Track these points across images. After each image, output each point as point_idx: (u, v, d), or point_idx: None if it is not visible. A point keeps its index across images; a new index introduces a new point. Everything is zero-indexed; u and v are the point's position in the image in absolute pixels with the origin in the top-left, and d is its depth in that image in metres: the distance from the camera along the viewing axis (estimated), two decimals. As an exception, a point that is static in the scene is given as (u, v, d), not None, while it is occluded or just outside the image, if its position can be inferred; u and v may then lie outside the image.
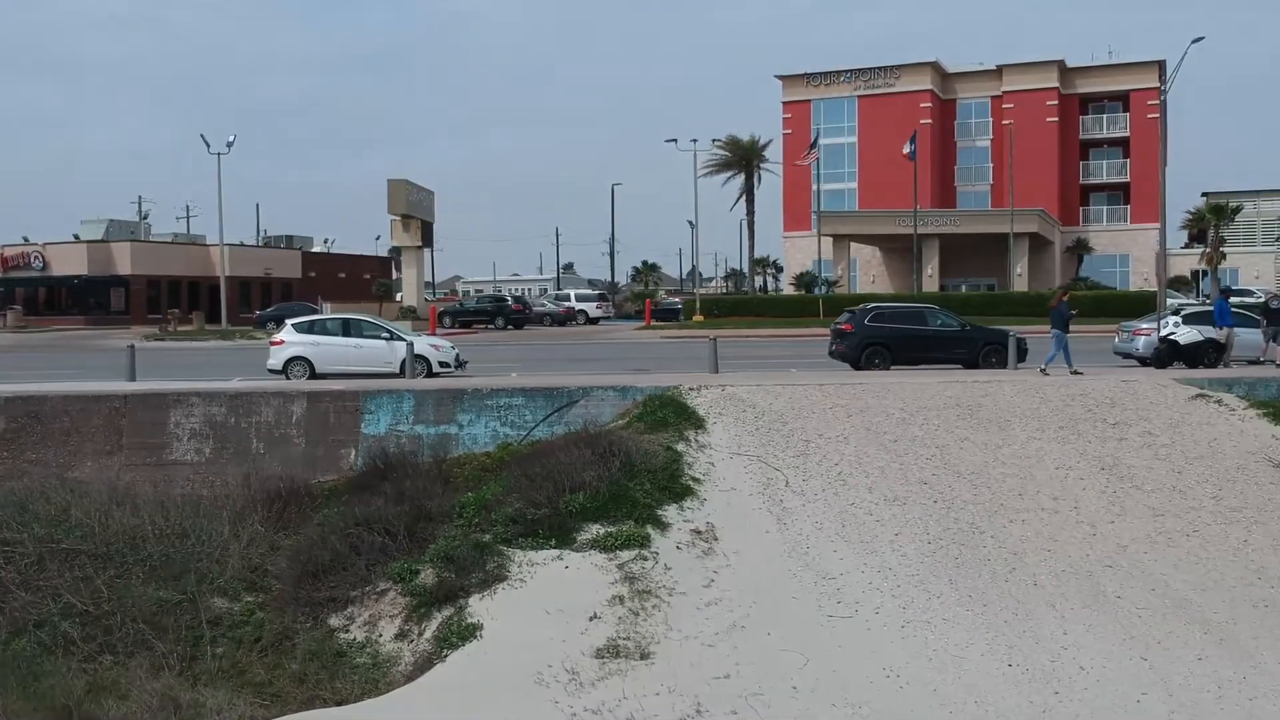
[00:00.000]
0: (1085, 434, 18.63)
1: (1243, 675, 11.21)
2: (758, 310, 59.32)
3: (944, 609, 12.95)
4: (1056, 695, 10.91)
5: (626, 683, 10.98)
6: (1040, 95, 74.20)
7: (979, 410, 19.72)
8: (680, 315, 63.90)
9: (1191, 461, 17.42)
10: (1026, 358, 27.74)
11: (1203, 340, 26.29)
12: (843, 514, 15.77)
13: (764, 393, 20.61)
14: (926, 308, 30.19)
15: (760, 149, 67.85)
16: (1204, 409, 19.59)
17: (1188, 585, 13.48)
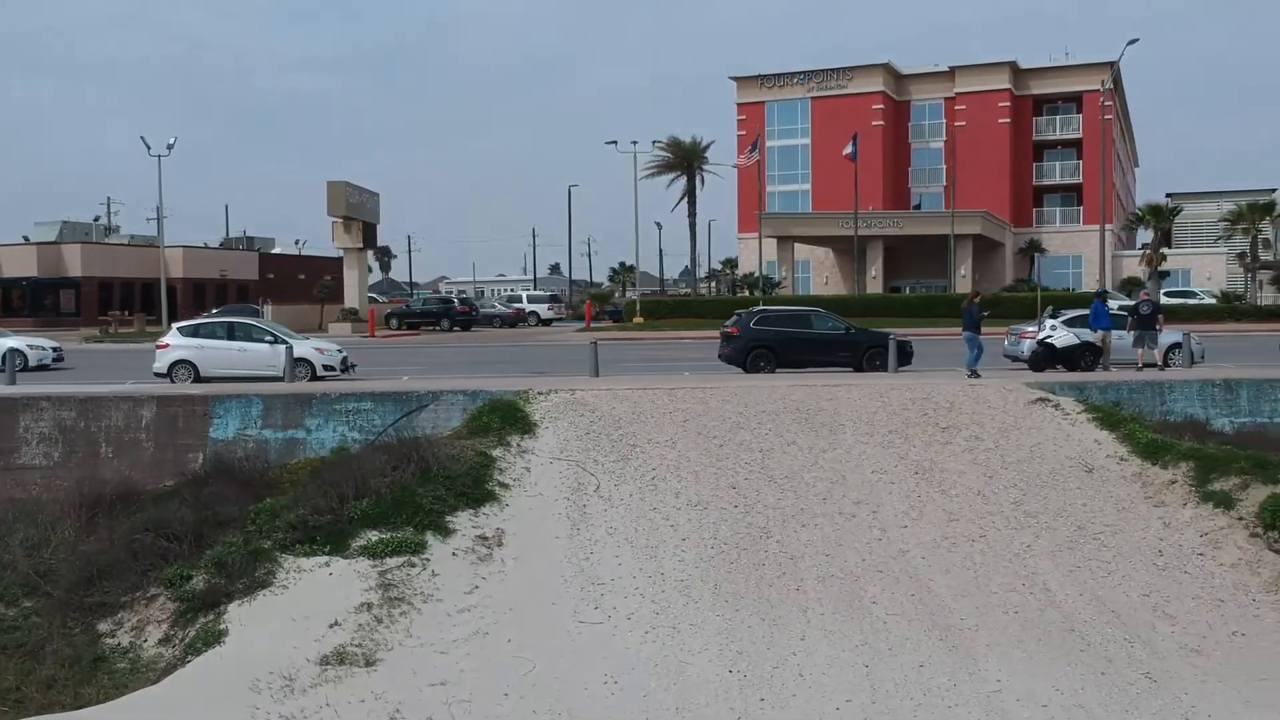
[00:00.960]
0: (912, 438, 18.65)
1: (955, 683, 11.19)
2: (698, 311, 59.29)
3: (697, 614, 12.95)
4: (762, 702, 10.90)
5: (338, 690, 10.97)
6: (992, 97, 74.30)
7: (817, 415, 19.73)
8: (622, 317, 63.94)
9: (1008, 466, 17.44)
10: (911, 360, 27.86)
11: (1079, 344, 26.30)
12: (640, 519, 15.76)
13: (613, 397, 20.61)
14: (812, 311, 30.22)
15: (701, 150, 67.86)
16: (1040, 413, 19.62)
17: (951, 591, 13.48)
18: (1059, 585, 13.62)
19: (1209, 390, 21.83)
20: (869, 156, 72.73)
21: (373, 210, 61.64)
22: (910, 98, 77.86)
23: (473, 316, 64.74)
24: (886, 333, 28.16)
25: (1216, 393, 21.83)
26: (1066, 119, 76.61)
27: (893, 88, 76.87)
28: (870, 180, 72.85)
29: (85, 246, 74.54)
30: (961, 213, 61.69)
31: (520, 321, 69.55)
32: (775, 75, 76.52)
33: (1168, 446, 17.14)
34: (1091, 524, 15.43)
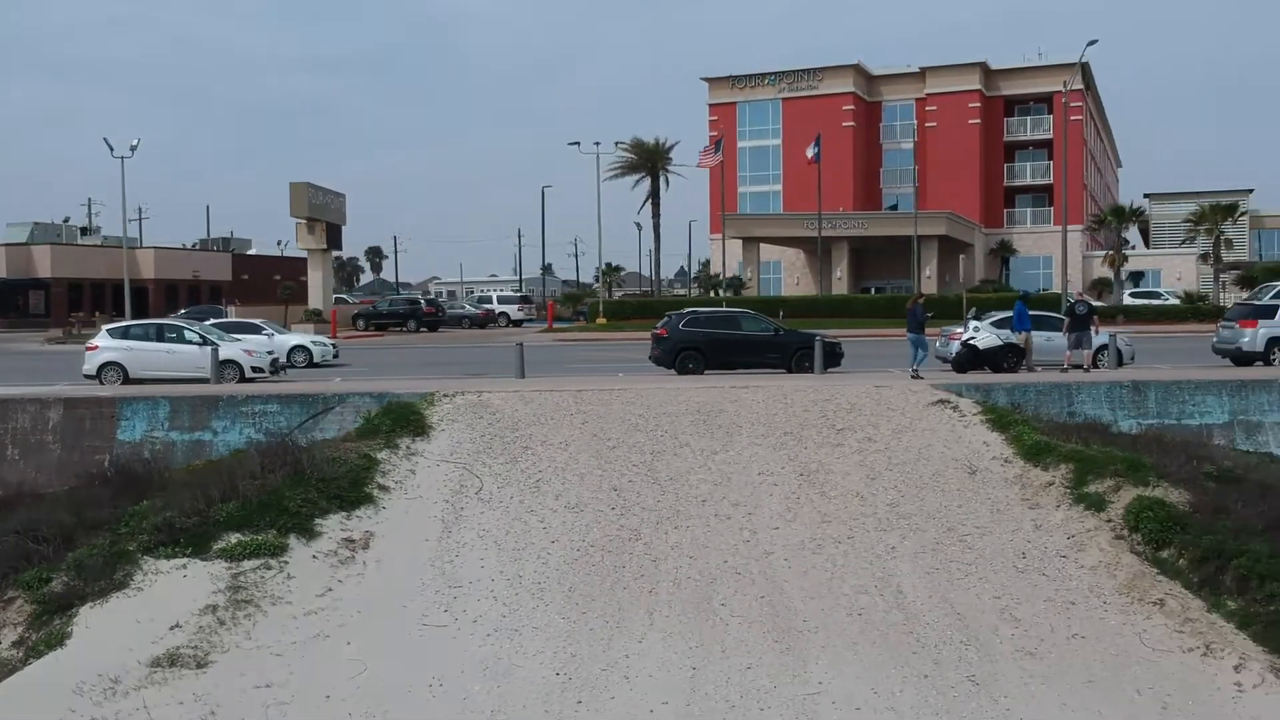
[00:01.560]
0: (806, 440, 18.67)
1: (776, 685, 11.19)
2: (661, 313, 58.90)
3: (544, 617, 12.95)
4: (579, 704, 10.89)
5: (161, 691, 10.96)
6: (963, 97, 74.36)
7: (717, 417, 19.75)
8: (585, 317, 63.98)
9: (892, 468, 17.46)
10: (840, 362, 27.90)
11: (1001, 345, 26.36)
12: (514, 521, 15.77)
13: (519, 399, 20.62)
14: (742, 312, 30.28)
15: (665, 151, 67.85)
16: (937, 415, 19.64)
17: (803, 593, 13.48)
18: (912, 587, 13.62)
19: (1116, 392, 21.88)
20: (839, 157, 72.81)
21: (338, 211, 61.64)
22: (881, 99, 77.90)
23: (439, 317, 64.75)
24: (815, 334, 28.17)
25: (1124, 394, 21.88)
26: (1037, 119, 76.69)
27: (864, 88, 76.92)
28: (840, 181, 72.92)
29: (55, 248, 74.41)
30: (925, 214, 61.75)
31: (490, 322, 69.56)
32: (746, 76, 76.55)
33: (1050, 449, 17.15)
34: (962, 526, 15.45)
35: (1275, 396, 21.98)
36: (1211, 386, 22.02)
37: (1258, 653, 11.82)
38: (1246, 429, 21.79)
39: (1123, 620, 12.80)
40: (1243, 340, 28.69)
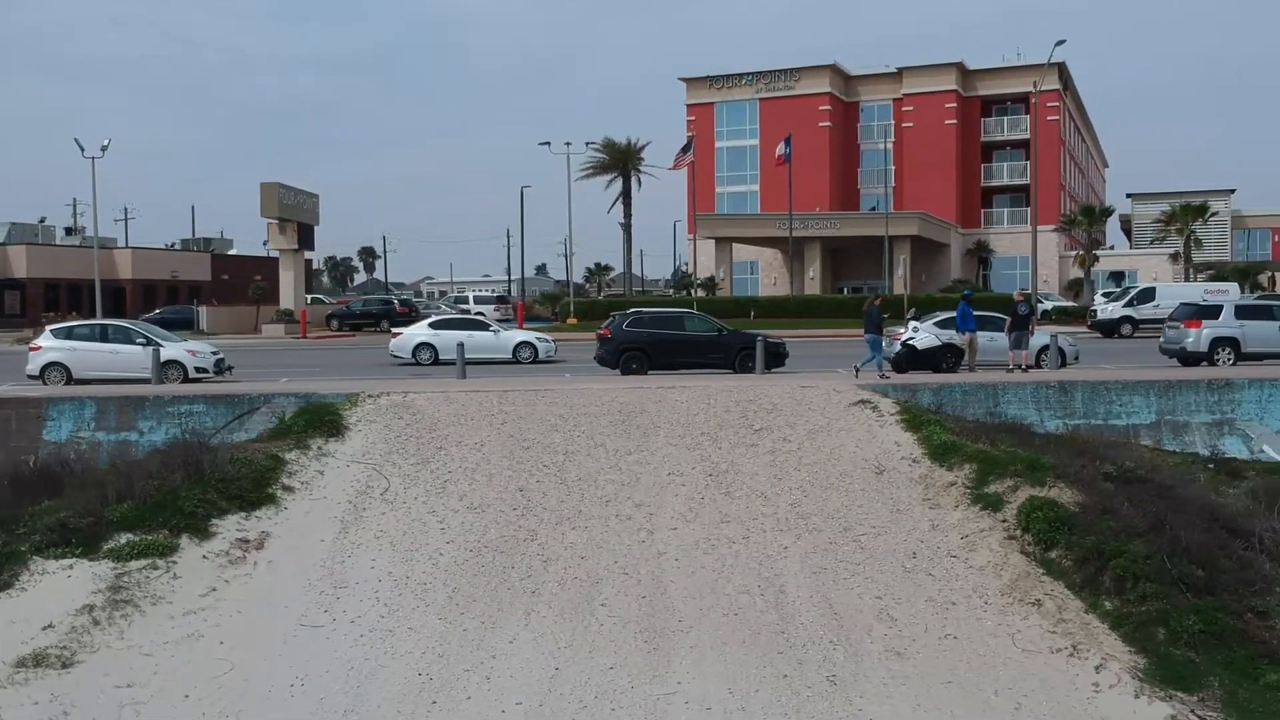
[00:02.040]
0: (722, 440, 18.68)
1: (633, 685, 11.18)
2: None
3: (421, 618, 12.95)
4: (434, 705, 10.89)
5: (19, 692, 10.97)
6: (939, 98, 74.43)
7: (638, 417, 19.76)
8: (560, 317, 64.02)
9: (802, 468, 17.47)
10: (784, 362, 27.93)
11: (940, 345, 26.39)
12: (414, 522, 15.77)
13: (444, 400, 20.62)
14: (686, 313, 30.36)
15: (636, 151, 67.81)
16: (856, 415, 19.65)
17: (685, 593, 13.49)
18: (796, 587, 13.63)
19: (1042, 393, 21.92)
20: (816, 158, 72.91)
21: (311, 212, 61.57)
22: (859, 99, 77.98)
23: (412, 318, 64.70)
24: (757, 334, 28.21)
25: (1050, 395, 21.92)
26: (1014, 119, 76.74)
27: (841, 89, 76.97)
28: (817, 181, 73.05)
29: (31, 248, 74.33)
30: (897, 214, 61.81)
31: (465, 323, 69.58)
32: (723, 76, 76.59)
33: (956, 449, 17.17)
34: (859, 526, 15.46)
35: (1203, 397, 22.04)
36: (1139, 387, 22.07)
37: (1123, 653, 11.84)
38: (1173, 429, 21.84)
39: (999, 621, 12.82)
40: (1187, 340, 28.76)
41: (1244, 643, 11.83)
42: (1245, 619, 12.19)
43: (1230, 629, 11.91)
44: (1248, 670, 11.35)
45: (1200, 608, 12.12)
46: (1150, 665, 11.54)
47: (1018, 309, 26.93)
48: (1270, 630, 12.05)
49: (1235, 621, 12.07)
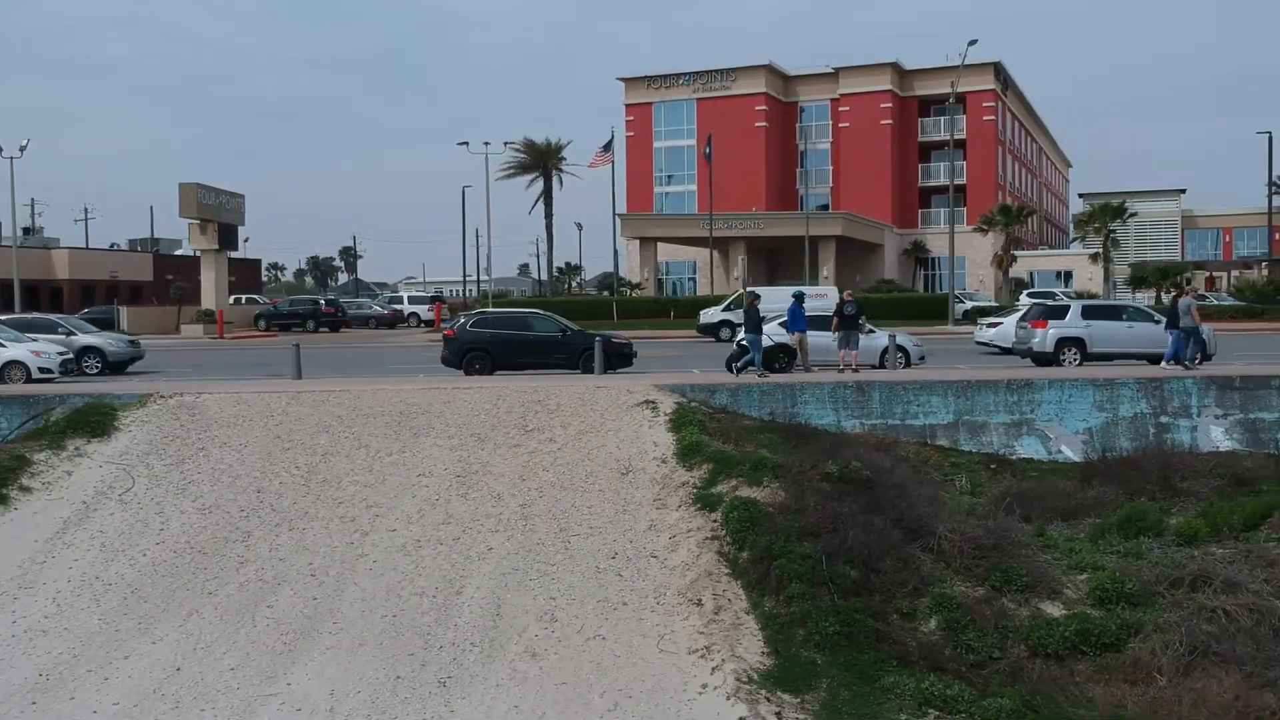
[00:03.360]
0: (488, 441, 18.66)
1: (239, 685, 11.14)
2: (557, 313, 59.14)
3: (83, 618, 12.91)
4: (33, 705, 10.90)
5: None
6: (875, 98, 74.51)
7: (418, 417, 19.74)
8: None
9: (552, 469, 17.46)
10: (631, 362, 27.97)
11: (772, 345, 26.42)
12: (137, 523, 15.74)
13: (233, 401, 20.54)
14: (531, 313, 30.35)
15: (557, 151, 67.76)
16: (635, 415, 19.63)
17: (360, 595, 13.44)
18: (476, 589, 13.62)
19: (840, 393, 21.92)
20: (752, 157, 73.02)
21: (234, 212, 61.56)
22: (798, 99, 78.03)
23: (340, 318, 64.74)
24: (600, 334, 28.26)
25: (848, 395, 21.92)
26: (952, 120, 76.68)
27: (780, 89, 77.00)
28: (753, 181, 73.14)
29: (-37, 248, 74.06)
30: (820, 214, 61.90)
31: (400, 323, 69.62)
32: (661, 76, 76.64)
33: (699, 449, 17.18)
34: (577, 527, 15.44)
35: (1001, 397, 22.07)
36: (936, 387, 22.09)
37: (757, 654, 11.85)
38: (971, 429, 21.86)
39: (659, 621, 12.82)
40: (1033, 341, 28.85)
41: (879, 644, 11.85)
42: (890, 620, 12.21)
43: (867, 630, 11.93)
44: (868, 672, 11.36)
45: (841, 609, 12.13)
46: (775, 666, 11.56)
47: (843, 309, 26.90)
48: (911, 632, 12.07)
49: (877, 623, 12.09)
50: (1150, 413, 22.14)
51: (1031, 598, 12.56)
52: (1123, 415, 22.10)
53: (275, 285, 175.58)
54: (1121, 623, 11.85)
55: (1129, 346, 28.38)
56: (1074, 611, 12.19)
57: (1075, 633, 11.69)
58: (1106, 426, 21.97)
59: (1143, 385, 22.23)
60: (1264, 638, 11.45)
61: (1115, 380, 22.33)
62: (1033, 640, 11.71)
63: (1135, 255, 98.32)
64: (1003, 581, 12.72)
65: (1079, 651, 11.58)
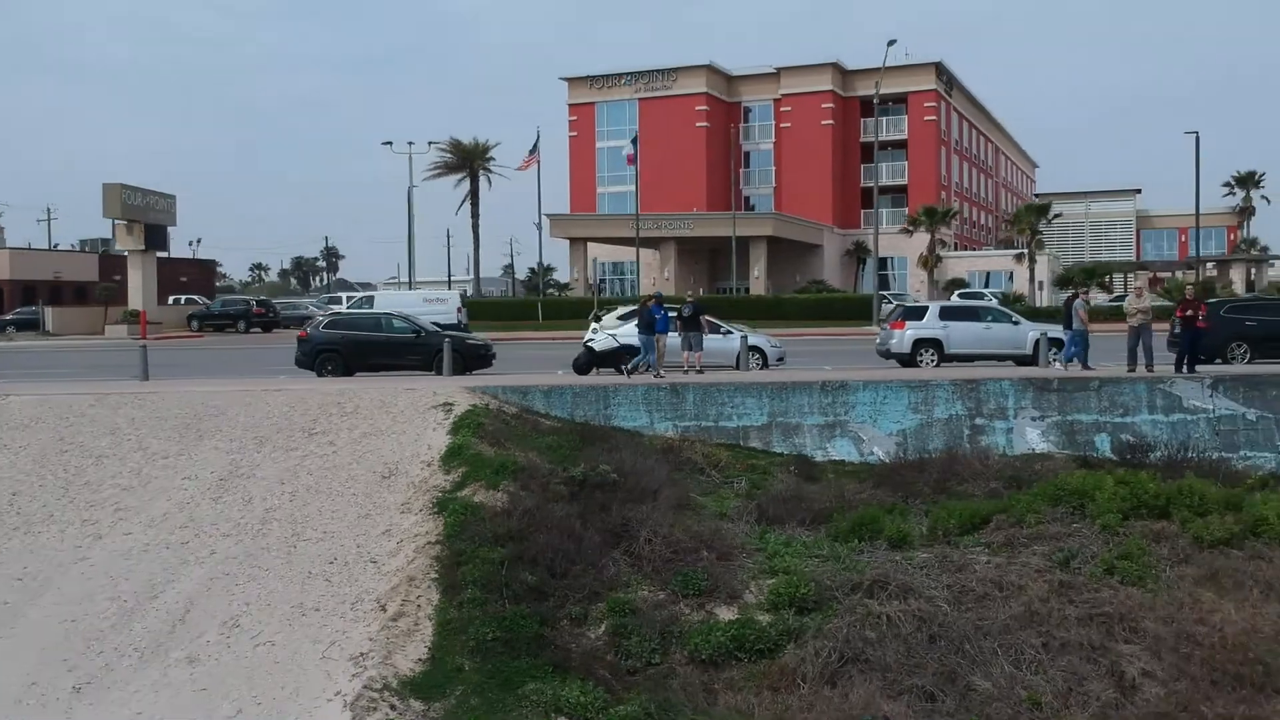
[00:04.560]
0: (269, 443, 18.55)
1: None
2: (475, 314, 59.06)
3: None
4: None
5: None
6: (816, 98, 74.45)
7: (206, 421, 19.61)
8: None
9: (316, 472, 17.35)
10: (490, 363, 27.89)
11: (618, 347, 26.36)
12: None
13: (39, 404, 20.40)
14: (386, 314, 30.24)
15: (484, 151, 67.58)
16: (428, 418, 19.45)
17: (58, 599, 13.38)
18: (176, 594, 13.51)
19: (654, 395, 21.86)
20: (693, 158, 72.97)
21: (165, 213, 61.40)
22: (741, 99, 77.95)
23: (271, 318, 64.57)
24: (458, 337, 28.24)
25: (662, 397, 21.86)
26: (894, 120, 76.83)
27: (722, 89, 76.94)
28: (694, 181, 73.08)
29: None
30: (750, 215, 61.84)
31: (329, 323, 69.54)
32: (604, 76, 76.55)
33: (460, 452, 17.10)
34: (312, 531, 15.31)
35: (816, 399, 22.02)
36: (751, 389, 22.04)
37: (411, 660, 11.90)
38: (784, 430, 21.81)
39: (341, 627, 12.66)
40: (891, 342, 28.82)
41: (541, 651, 11.77)
42: (560, 626, 12.13)
43: (529, 637, 11.85)
44: (514, 679, 11.29)
45: (508, 615, 12.06)
46: (423, 674, 11.50)
47: (683, 310, 26.78)
48: (578, 638, 11.99)
49: (545, 629, 12.01)
50: (966, 414, 22.10)
51: (708, 602, 12.48)
52: (938, 417, 22.06)
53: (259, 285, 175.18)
54: (784, 629, 11.78)
55: (987, 348, 28.35)
56: (739, 617, 12.11)
57: (731, 639, 11.60)
58: (921, 428, 21.93)
59: (958, 387, 22.20)
60: (918, 644, 11.37)
61: (930, 382, 22.29)
62: (690, 647, 11.62)
63: (1091, 255, 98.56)
64: (682, 586, 12.64)
65: (734, 658, 11.50)
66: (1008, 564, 12.80)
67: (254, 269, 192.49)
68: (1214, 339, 27.74)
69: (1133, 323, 23.85)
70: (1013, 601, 11.99)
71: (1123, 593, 12.17)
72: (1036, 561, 12.83)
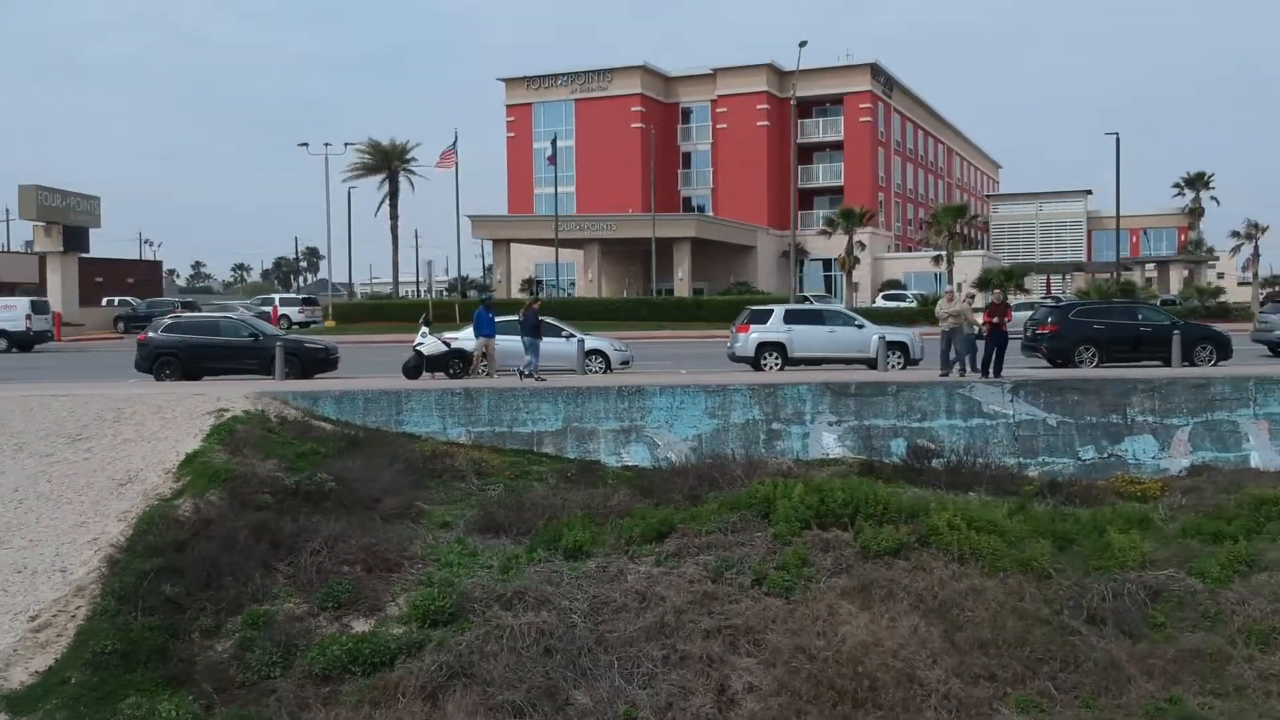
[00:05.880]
0: (26, 449, 18.33)
1: None
2: (393, 315, 58.97)
3: None
4: None
5: None
6: (751, 99, 74.38)
7: (-21, 425, 19.49)
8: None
9: (57, 479, 17.06)
10: (333, 367, 27.76)
11: (448, 351, 26.20)
12: None
13: None
14: (224, 318, 30.09)
15: (403, 152, 67.37)
16: (193, 425, 19.28)
17: None
18: None
19: (448, 400, 21.72)
20: (628, 159, 72.83)
21: (86, 214, 61.14)
22: (679, 100, 77.86)
23: (196, 319, 64.29)
24: (293, 339, 28.11)
25: (457, 402, 21.73)
26: (831, 121, 76.77)
27: (660, 90, 76.83)
28: (629, 182, 72.94)
29: None
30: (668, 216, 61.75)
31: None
32: (540, 77, 76.41)
33: (193, 459, 16.98)
34: (15, 539, 15.11)
35: (612, 404, 21.91)
36: (546, 394, 21.93)
37: (29, 673, 11.67)
38: (579, 436, 21.69)
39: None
40: (736, 345, 28.75)
41: (163, 664, 11.66)
42: (192, 639, 12.01)
43: (153, 649, 11.73)
44: (116, 693, 11.23)
45: (134, 628, 11.94)
46: (31, 685, 11.37)
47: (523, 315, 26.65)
48: (206, 651, 11.88)
49: (175, 642, 11.91)
50: (763, 419, 22.01)
51: (346, 615, 12.37)
52: (734, 421, 21.97)
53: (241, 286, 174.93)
54: (408, 642, 11.65)
55: (830, 351, 28.30)
56: (368, 630, 12.00)
57: (346, 653, 11.48)
58: (717, 433, 21.83)
59: (756, 391, 22.11)
60: (531, 658, 11.26)
61: (728, 386, 22.20)
62: (308, 661, 11.50)
63: (1041, 255, 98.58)
64: (323, 599, 12.53)
65: (349, 671, 11.38)
66: (662, 575, 12.68)
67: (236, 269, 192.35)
68: (1062, 343, 27.85)
69: (943, 327, 23.79)
70: (649, 613, 11.88)
71: (763, 604, 12.06)
72: (692, 572, 12.71)
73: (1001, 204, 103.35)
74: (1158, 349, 27.19)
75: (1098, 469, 21.42)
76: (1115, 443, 21.96)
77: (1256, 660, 11.94)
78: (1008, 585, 12.46)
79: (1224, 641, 12.16)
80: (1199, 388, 22.41)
